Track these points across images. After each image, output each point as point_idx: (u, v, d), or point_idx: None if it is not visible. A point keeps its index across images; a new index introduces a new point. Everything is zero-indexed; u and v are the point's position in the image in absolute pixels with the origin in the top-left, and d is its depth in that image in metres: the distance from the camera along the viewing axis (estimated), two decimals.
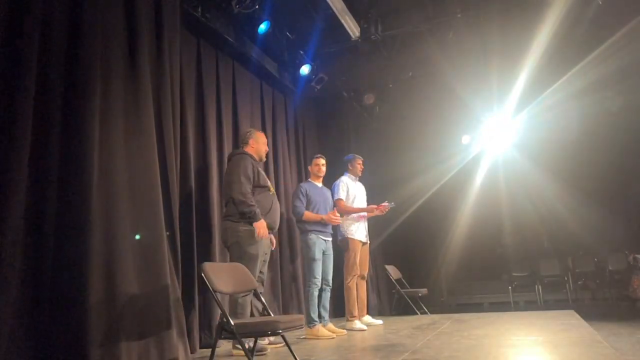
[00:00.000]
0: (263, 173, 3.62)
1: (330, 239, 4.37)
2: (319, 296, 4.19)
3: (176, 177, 3.28)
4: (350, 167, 4.89)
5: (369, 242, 4.90)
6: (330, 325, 4.21)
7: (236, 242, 3.36)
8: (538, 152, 7.36)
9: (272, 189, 3.72)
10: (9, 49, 2.31)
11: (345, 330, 4.30)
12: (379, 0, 5.12)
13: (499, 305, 7.71)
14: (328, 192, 4.61)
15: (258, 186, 3.51)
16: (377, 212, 4.74)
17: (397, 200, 5.02)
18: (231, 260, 3.42)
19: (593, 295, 7.56)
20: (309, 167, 4.59)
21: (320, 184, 4.52)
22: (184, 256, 3.35)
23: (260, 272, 3.54)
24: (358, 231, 4.69)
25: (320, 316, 4.16)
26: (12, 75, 2.30)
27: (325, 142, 6.60)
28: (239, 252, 3.35)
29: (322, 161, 4.50)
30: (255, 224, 3.33)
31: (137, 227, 2.77)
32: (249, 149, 3.68)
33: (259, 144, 3.74)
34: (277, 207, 3.69)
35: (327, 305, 4.29)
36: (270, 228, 3.52)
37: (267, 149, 3.91)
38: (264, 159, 3.89)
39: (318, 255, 4.15)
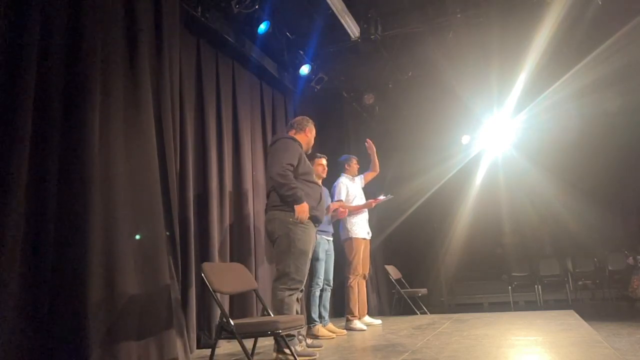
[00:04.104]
0: (309, 164, 3.37)
1: (331, 238, 4.36)
2: (320, 296, 4.18)
3: (176, 177, 3.27)
4: (347, 167, 4.89)
5: (370, 238, 4.90)
6: (330, 325, 4.21)
7: (285, 234, 3.06)
8: (538, 152, 7.37)
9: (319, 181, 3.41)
10: (9, 48, 2.31)
11: (345, 330, 4.30)
12: (379, 0, 5.11)
13: (498, 305, 7.71)
14: (327, 195, 4.58)
15: (305, 177, 3.22)
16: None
17: (397, 200, 5.02)
18: (275, 254, 3.16)
19: (593, 295, 7.56)
20: (314, 167, 4.45)
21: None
22: (184, 256, 3.34)
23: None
24: (361, 229, 4.71)
25: (320, 316, 4.16)
26: (13, 74, 2.30)
27: (325, 142, 6.59)
28: (287, 245, 3.05)
29: (325, 161, 4.37)
30: (296, 207, 3.02)
31: (136, 227, 2.77)
32: (301, 136, 3.41)
33: (312, 135, 3.52)
34: (325, 201, 3.35)
35: (327, 305, 4.29)
36: (318, 222, 3.27)
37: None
38: (309, 152, 3.57)
39: (322, 255, 4.13)
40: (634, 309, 6.01)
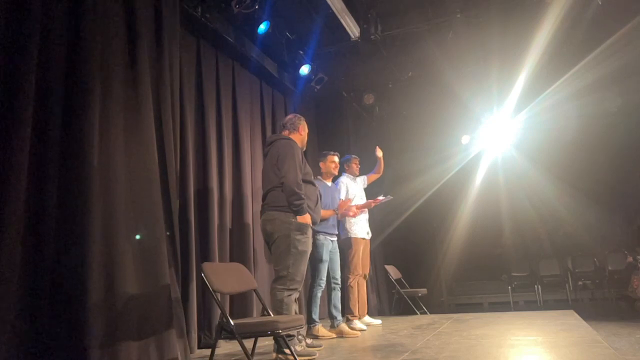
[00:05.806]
0: (308, 165, 3.37)
1: (335, 238, 4.34)
2: (330, 296, 4.17)
3: (176, 177, 3.27)
4: (346, 167, 4.90)
5: (370, 238, 4.89)
6: (343, 326, 4.17)
7: (286, 235, 3.07)
8: (537, 152, 7.37)
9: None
10: (9, 49, 2.31)
11: (359, 332, 4.24)
12: (379, 0, 5.12)
13: (498, 305, 7.72)
14: (336, 192, 4.50)
15: (304, 177, 3.23)
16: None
17: (397, 200, 5.02)
18: (273, 255, 3.16)
19: (593, 295, 7.56)
20: (321, 164, 4.36)
21: (330, 183, 4.41)
22: (184, 256, 3.34)
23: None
24: (360, 228, 4.70)
25: (332, 316, 4.14)
26: (13, 75, 2.30)
27: (325, 142, 6.59)
28: (287, 246, 3.05)
29: (337, 158, 4.35)
30: (299, 217, 3.09)
31: (136, 227, 2.77)
32: (295, 136, 3.38)
33: (306, 133, 3.49)
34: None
35: (339, 304, 4.22)
36: (314, 223, 3.29)
37: None
38: (304, 149, 3.56)
39: (325, 256, 4.08)
40: (634, 309, 6.00)
